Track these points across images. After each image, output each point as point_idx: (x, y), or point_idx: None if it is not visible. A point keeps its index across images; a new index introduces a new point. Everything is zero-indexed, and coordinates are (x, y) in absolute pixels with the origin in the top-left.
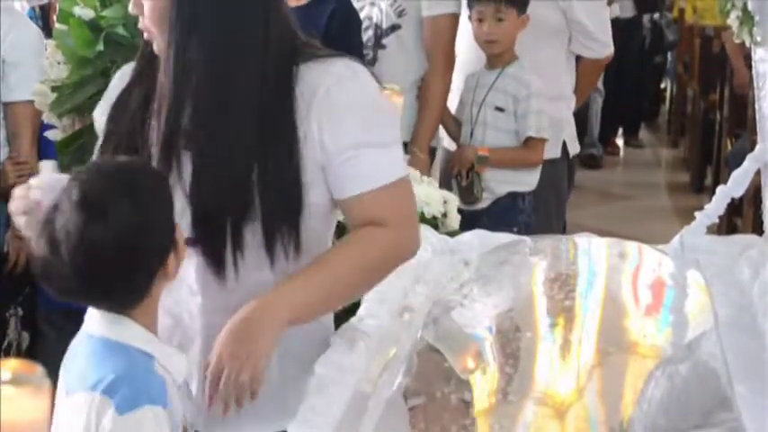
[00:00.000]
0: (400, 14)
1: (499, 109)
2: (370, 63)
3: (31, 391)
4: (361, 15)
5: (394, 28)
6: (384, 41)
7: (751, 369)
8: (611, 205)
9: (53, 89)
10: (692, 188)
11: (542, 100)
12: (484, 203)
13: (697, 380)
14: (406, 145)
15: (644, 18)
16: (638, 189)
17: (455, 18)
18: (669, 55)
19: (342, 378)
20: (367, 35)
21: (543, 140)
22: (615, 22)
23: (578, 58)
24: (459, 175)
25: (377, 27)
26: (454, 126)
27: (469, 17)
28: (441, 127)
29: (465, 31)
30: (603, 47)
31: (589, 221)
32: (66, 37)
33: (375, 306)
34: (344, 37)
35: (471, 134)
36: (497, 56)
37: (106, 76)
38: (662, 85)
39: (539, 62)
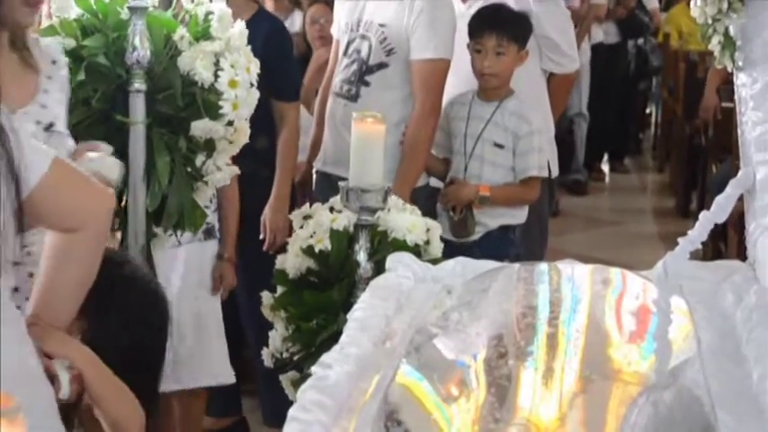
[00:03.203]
0: (389, 53)
1: (498, 145)
2: (353, 99)
3: (5, 424)
4: (350, 48)
5: (381, 66)
6: (368, 78)
7: (734, 396)
8: (596, 231)
9: None
10: (677, 213)
11: (543, 137)
12: (475, 236)
13: (681, 407)
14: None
15: (629, 43)
16: (624, 215)
17: (447, 64)
18: (654, 80)
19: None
20: (351, 69)
21: (540, 178)
22: (600, 48)
23: (549, 77)
24: (454, 209)
25: (363, 62)
26: (438, 165)
27: (468, 46)
28: None
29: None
30: (572, 61)
31: (575, 247)
32: None
33: (356, 334)
34: (281, 59)
35: (465, 168)
36: (494, 89)
37: (88, 105)
38: (647, 111)
39: (516, 84)
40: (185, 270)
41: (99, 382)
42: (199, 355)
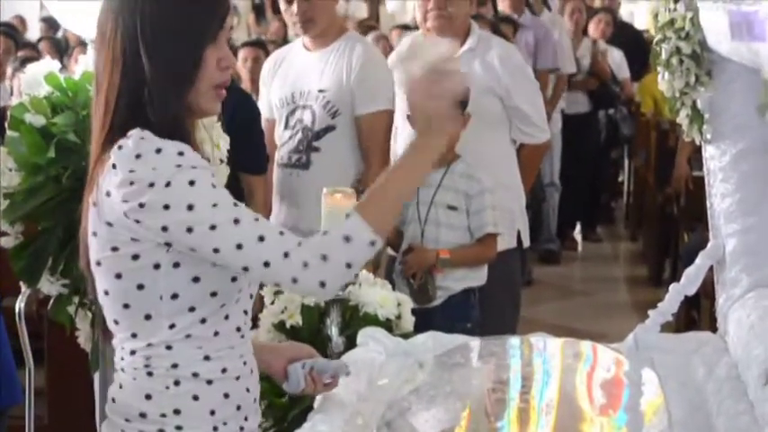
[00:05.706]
0: (334, 115)
1: (452, 207)
2: (304, 167)
3: None
4: (291, 120)
5: (327, 129)
6: (316, 144)
7: None
8: (569, 301)
9: (5, 196)
10: (650, 282)
11: (495, 195)
12: (437, 301)
13: None
14: None
15: (599, 113)
16: (597, 284)
17: (390, 115)
18: (626, 149)
19: None
20: (297, 139)
21: (497, 235)
22: (571, 117)
23: (519, 147)
24: (414, 276)
25: (308, 130)
26: (391, 235)
27: (408, 117)
28: None
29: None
30: (542, 132)
31: (548, 317)
32: (17, 144)
33: (328, 410)
34: (248, 133)
35: (422, 234)
36: (441, 154)
37: (58, 182)
38: (619, 179)
39: (484, 154)
40: None
41: None
42: None
